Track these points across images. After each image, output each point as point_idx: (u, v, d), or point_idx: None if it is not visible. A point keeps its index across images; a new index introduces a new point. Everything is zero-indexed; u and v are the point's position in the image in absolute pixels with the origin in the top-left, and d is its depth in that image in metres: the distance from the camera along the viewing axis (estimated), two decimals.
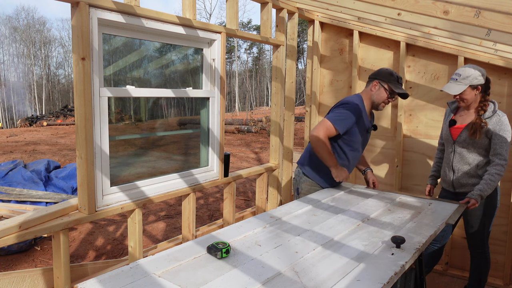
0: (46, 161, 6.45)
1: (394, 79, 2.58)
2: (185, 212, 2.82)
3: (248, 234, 1.77)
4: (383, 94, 2.60)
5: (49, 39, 54.67)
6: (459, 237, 3.38)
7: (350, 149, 2.63)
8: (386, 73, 2.60)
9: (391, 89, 2.58)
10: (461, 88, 2.49)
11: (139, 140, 2.73)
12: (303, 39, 46.35)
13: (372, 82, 2.63)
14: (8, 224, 1.86)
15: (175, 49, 2.90)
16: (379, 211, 2.19)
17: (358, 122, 2.57)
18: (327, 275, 1.38)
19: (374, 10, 2.56)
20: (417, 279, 2.12)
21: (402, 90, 2.57)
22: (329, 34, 3.94)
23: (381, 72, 2.62)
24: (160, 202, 4.48)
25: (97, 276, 1.32)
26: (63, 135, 14.88)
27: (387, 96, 2.60)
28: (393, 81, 2.57)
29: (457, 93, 2.50)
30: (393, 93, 2.59)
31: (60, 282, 2.06)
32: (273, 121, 3.67)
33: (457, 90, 2.50)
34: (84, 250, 4.13)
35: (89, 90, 2.04)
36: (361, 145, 2.70)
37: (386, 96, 2.60)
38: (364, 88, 2.71)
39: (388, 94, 2.59)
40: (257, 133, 16.23)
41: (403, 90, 2.57)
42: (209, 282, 1.30)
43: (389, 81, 2.57)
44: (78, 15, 1.96)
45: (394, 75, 2.58)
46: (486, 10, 1.66)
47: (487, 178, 2.50)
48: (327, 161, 2.50)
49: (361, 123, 2.59)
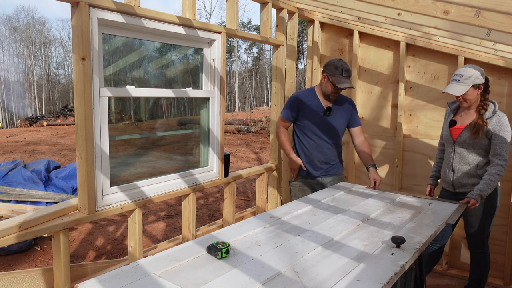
0: (46, 161, 6.46)
1: (339, 73, 2.67)
2: (185, 212, 2.82)
3: (248, 234, 1.77)
4: (329, 87, 2.77)
5: (49, 39, 54.70)
6: (459, 237, 3.38)
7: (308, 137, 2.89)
8: (332, 66, 2.70)
9: (333, 82, 2.70)
10: (464, 89, 2.48)
11: (139, 140, 2.73)
12: (303, 39, 46.34)
13: (322, 74, 2.80)
14: (8, 224, 1.86)
15: (175, 49, 2.90)
16: (379, 211, 2.19)
17: (304, 106, 2.84)
18: (327, 275, 1.38)
19: (374, 10, 2.56)
20: (417, 279, 2.12)
21: (344, 86, 2.66)
22: (329, 34, 3.94)
23: (329, 65, 2.73)
24: (160, 202, 4.48)
25: (97, 276, 1.32)
26: (63, 135, 14.88)
27: (332, 88, 2.75)
28: (337, 75, 2.67)
29: (461, 93, 2.49)
30: (335, 85, 2.70)
31: (60, 282, 2.06)
32: (273, 121, 3.67)
33: (460, 90, 2.49)
34: (84, 250, 4.13)
35: (89, 90, 2.04)
36: (318, 131, 2.87)
37: (331, 88, 2.75)
38: None
39: (333, 87, 2.74)
40: (257, 133, 16.23)
41: (345, 85, 2.66)
42: (209, 282, 1.30)
43: (334, 75, 2.69)
44: (78, 15, 1.96)
45: (339, 69, 2.67)
46: (486, 10, 1.66)
47: (487, 178, 2.50)
48: (284, 148, 2.97)
49: (310, 107, 2.83)
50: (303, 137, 2.92)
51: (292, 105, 2.88)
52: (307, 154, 2.93)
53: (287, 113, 2.92)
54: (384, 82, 3.69)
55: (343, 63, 2.71)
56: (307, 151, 2.92)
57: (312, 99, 2.87)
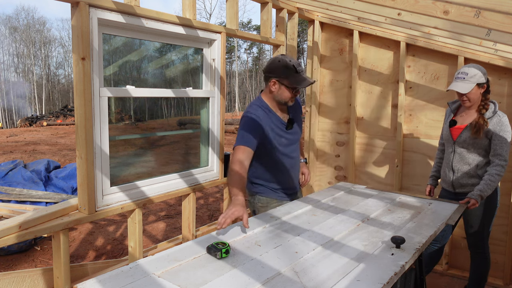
0: (46, 161, 6.46)
1: (292, 71, 2.18)
2: (185, 212, 2.82)
3: (248, 234, 1.77)
4: (285, 92, 2.24)
5: (49, 39, 54.70)
6: (459, 237, 3.38)
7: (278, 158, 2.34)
8: (280, 67, 2.20)
9: (293, 86, 2.21)
10: (470, 87, 2.48)
11: (139, 140, 2.73)
12: (303, 39, 46.35)
13: (269, 81, 2.25)
14: (8, 224, 1.86)
15: (175, 49, 2.90)
16: (379, 211, 2.19)
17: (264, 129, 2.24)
18: (327, 275, 1.38)
19: (374, 10, 2.56)
20: (417, 279, 2.11)
21: (306, 83, 2.19)
22: (329, 34, 3.94)
23: (275, 68, 2.21)
24: (160, 202, 4.48)
25: (97, 276, 1.32)
26: (63, 135, 14.88)
27: (291, 92, 2.24)
28: (291, 74, 2.18)
29: (467, 91, 2.48)
30: (295, 88, 2.24)
31: (60, 282, 2.06)
32: None
33: (466, 88, 2.49)
34: (84, 250, 4.13)
35: (89, 90, 2.04)
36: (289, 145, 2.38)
37: (290, 93, 2.24)
38: (265, 86, 2.33)
39: (292, 91, 2.24)
40: None
41: (307, 82, 2.20)
42: (209, 282, 1.30)
43: (287, 76, 2.19)
44: (78, 15, 1.96)
45: (290, 67, 2.18)
46: (486, 10, 1.66)
47: (487, 178, 2.50)
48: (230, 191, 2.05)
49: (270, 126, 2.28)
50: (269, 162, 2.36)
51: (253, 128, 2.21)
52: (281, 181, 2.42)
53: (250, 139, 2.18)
54: (384, 82, 3.69)
55: (289, 58, 2.22)
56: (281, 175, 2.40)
57: (270, 114, 2.30)
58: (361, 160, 3.87)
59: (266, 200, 2.41)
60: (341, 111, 3.94)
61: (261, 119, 2.25)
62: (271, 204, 2.39)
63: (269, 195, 2.41)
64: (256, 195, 2.43)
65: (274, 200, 2.41)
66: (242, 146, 2.17)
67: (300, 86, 2.22)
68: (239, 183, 2.04)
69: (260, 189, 2.42)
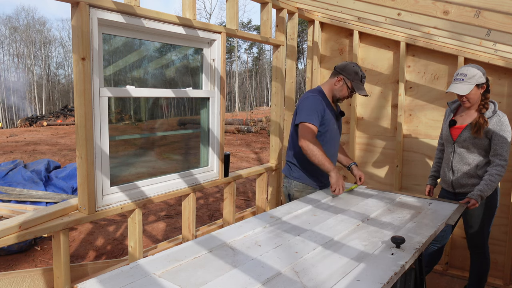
0: (46, 161, 6.46)
1: (358, 78, 2.57)
2: (185, 212, 2.82)
3: (248, 234, 1.77)
4: (344, 91, 2.62)
5: (49, 39, 54.70)
6: (459, 237, 3.38)
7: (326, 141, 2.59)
8: (352, 71, 2.57)
9: (353, 89, 2.58)
10: (469, 88, 2.47)
11: (139, 140, 2.73)
12: (303, 39, 46.34)
13: (337, 77, 2.61)
14: (8, 224, 1.86)
15: (175, 49, 2.90)
16: (379, 211, 2.19)
17: (325, 110, 2.56)
18: (327, 275, 1.38)
19: (374, 10, 2.56)
20: (417, 279, 2.12)
21: (363, 93, 2.57)
22: (329, 34, 3.94)
23: (348, 69, 2.58)
24: (160, 202, 4.48)
25: (97, 276, 1.32)
26: (63, 135, 14.88)
27: (348, 93, 2.63)
28: (357, 80, 2.56)
29: (466, 93, 2.48)
30: (353, 92, 2.61)
31: (60, 282, 2.06)
32: (273, 121, 3.67)
33: (465, 90, 2.48)
34: (84, 250, 4.13)
35: (89, 90, 2.04)
36: (336, 134, 2.68)
37: (348, 93, 2.63)
38: (329, 78, 2.69)
39: (349, 92, 2.62)
40: (257, 133, 16.23)
41: (364, 92, 2.57)
42: (209, 282, 1.30)
43: (353, 80, 2.57)
44: (78, 15, 1.96)
45: (359, 75, 2.56)
46: (486, 10, 1.66)
47: (487, 178, 2.50)
48: (324, 165, 2.37)
49: (329, 110, 2.60)
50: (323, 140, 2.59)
51: (319, 108, 2.50)
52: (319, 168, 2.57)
53: (319, 115, 2.49)
54: (384, 82, 3.69)
55: (361, 68, 2.61)
56: None
57: (327, 102, 2.62)
58: (361, 160, 3.87)
59: (302, 186, 2.63)
60: None
61: (323, 101, 2.56)
62: (307, 190, 2.62)
63: (306, 181, 2.63)
64: (294, 181, 2.65)
65: (310, 187, 2.63)
66: (310, 124, 2.46)
67: (358, 92, 2.56)
68: (326, 158, 2.39)
69: (299, 174, 2.64)
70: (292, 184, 2.65)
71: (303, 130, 2.44)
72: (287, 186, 2.68)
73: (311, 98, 2.54)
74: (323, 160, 2.38)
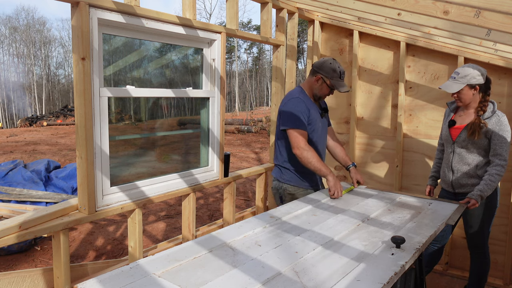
0: (46, 161, 6.46)
1: (337, 75, 2.55)
2: (185, 212, 2.82)
3: (248, 234, 1.77)
4: (324, 89, 2.61)
5: (49, 39, 54.68)
6: (459, 237, 3.38)
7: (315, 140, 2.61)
8: (329, 68, 2.55)
9: (333, 86, 2.58)
10: (458, 87, 2.49)
11: (139, 140, 2.73)
12: (303, 39, 46.34)
13: (315, 76, 2.60)
14: (8, 224, 1.86)
15: (175, 49, 2.90)
16: (379, 211, 2.19)
17: (309, 109, 2.57)
18: (327, 275, 1.38)
19: (374, 10, 2.56)
20: (417, 279, 2.12)
21: (343, 89, 2.55)
22: (329, 34, 3.94)
23: (325, 67, 2.56)
24: (160, 202, 4.48)
25: (97, 276, 1.32)
26: (63, 135, 14.88)
27: (328, 91, 2.62)
28: (336, 77, 2.55)
29: (454, 91, 2.50)
30: (333, 89, 2.61)
31: (60, 282, 2.06)
32: (273, 121, 3.67)
33: (454, 88, 2.50)
34: (84, 250, 4.13)
35: (89, 90, 2.04)
36: (322, 132, 2.69)
37: (328, 91, 2.62)
38: (308, 76, 2.70)
39: (330, 90, 2.62)
40: (257, 133, 16.23)
41: (344, 88, 2.56)
42: (209, 282, 1.30)
43: (332, 77, 2.55)
44: (78, 15, 1.96)
45: (337, 72, 2.54)
46: (486, 10, 1.66)
47: (487, 178, 2.50)
48: (320, 170, 2.45)
49: (312, 109, 2.59)
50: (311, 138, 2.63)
51: (302, 110, 2.52)
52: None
53: (302, 123, 2.50)
54: (384, 82, 3.69)
55: (339, 64, 2.59)
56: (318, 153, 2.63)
57: (309, 101, 2.63)
58: (361, 160, 3.87)
59: (293, 188, 2.64)
60: (341, 111, 3.94)
61: (305, 102, 2.56)
62: (298, 192, 2.62)
63: (297, 183, 2.64)
64: (284, 184, 2.65)
65: (301, 188, 2.63)
66: (299, 131, 2.49)
67: (338, 89, 2.55)
68: (322, 163, 2.46)
69: (289, 177, 2.65)
70: (283, 186, 2.66)
71: (294, 138, 2.48)
72: (278, 189, 2.69)
73: (293, 101, 2.56)
74: (319, 166, 2.45)
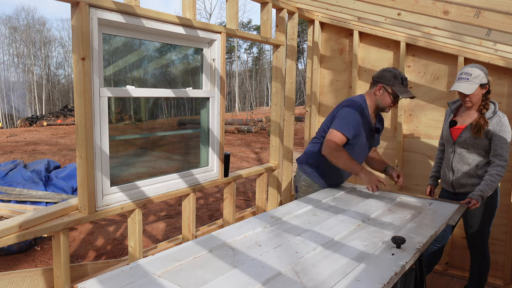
0: (46, 161, 6.46)
1: (399, 82, 2.45)
2: (185, 212, 2.82)
3: (248, 234, 1.77)
4: (387, 99, 2.50)
5: (49, 39, 54.65)
6: (459, 237, 3.38)
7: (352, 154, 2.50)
8: (390, 76, 2.47)
9: (395, 94, 2.47)
10: (474, 87, 2.47)
11: (139, 140, 2.73)
12: (303, 39, 46.33)
13: (376, 86, 2.52)
14: (8, 224, 1.86)
15: (175, 49, 2.90)
16: (380, 211, 2.19)
17: (362, 123, 2.48)
18: (327, 275, 1.38)
19: (374, 10, 2.56)
20: (417, 279, 2.12)
21: (407, 95, 2.44)
22: (329, 34, 3.94)
23: (385, 75, 2.49)
24: (160, 202, 4.48)
25: (97, 276, 1.32)
26: (63, 135, 14.87)
27: (391, 100, 2.51)
28: (397, 84, 2.45)
29: (471, 92, 2.47)
30: (397, 97, 2.49)
31: (60, 282, 2.06)
32: (273, 121, 3.67)
33: (470, 89, 2.47)
34: (84, 250, 4.13)
35: (89, 90, 2.04)
36: (363, 149, 2.61)
37: (391, 100, 2.51)
38: (368, 89, 2.61)
39: (392, 99, 2.50)
40: (257, 133, 16.22)
41: (408, 94, 2.45)
42: (209, 282, 1.30)
43: (393, 84, 2.46)
44: (78, 15, 1.96)
45: (398, 78, 2.46)
46: (486, 10, 1.66)
47: (487, 178, 2.50)
48: (351, 169, 2.39)
49: (365, 124, 2.51)
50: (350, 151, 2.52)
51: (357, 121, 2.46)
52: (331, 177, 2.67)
53: (355, 128, 2.44)
54: None
55: (399, 71, 2.50)
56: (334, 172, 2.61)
57: (366, 113, 2.52)
58: None
59: (310, 181, 2.70)
60: None
61: (363, 114, 2.51)
62: (313, 186, 2.69)
63: (314, 178, 2.70)
64: (303, 175, 2.72)
65: (317, 184, 2.69)
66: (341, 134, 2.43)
67: (403, 95, 2.44)
68: (352, 160, 2.39)
69: (309, 170, 2.70)
70: (301, 177, 2.73)
71: (332, 137, 2.43)
72: (297, 178, 2.78)
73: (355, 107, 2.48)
74: (349, 163, 2.38)
